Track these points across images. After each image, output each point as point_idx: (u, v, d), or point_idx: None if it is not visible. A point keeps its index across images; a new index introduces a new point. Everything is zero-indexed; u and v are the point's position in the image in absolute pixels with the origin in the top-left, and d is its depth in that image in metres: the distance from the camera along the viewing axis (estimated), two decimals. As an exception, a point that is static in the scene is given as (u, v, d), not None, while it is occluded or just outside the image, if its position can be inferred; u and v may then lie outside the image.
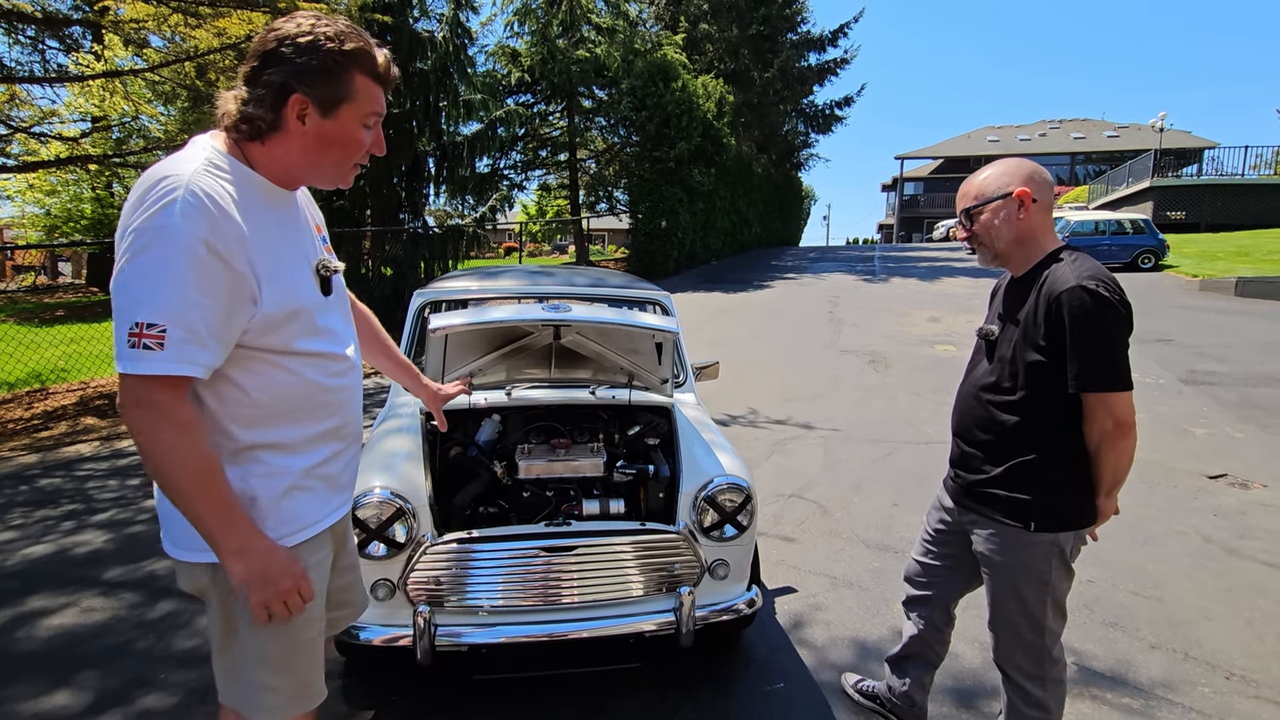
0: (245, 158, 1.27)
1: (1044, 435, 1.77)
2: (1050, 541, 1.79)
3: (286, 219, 1.34)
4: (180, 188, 1.13)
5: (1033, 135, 45.41)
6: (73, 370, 8.40)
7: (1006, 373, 1.81)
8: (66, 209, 17.22)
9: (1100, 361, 1.65)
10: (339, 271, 1.47)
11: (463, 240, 13.29)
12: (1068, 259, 1.76)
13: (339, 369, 1.41)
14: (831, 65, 26.76)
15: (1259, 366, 7.55)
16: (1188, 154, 26.48)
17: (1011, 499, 1.81)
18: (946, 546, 2.09)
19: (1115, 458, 1.73)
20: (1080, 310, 1.64)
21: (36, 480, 4.86)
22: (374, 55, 1.28)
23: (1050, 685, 1.89)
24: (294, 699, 1.40)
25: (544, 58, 19.03)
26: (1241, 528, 3.94)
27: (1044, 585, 1.82)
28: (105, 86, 7.85)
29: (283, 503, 1.34)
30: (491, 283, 3.50)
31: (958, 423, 1.99)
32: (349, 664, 2.60)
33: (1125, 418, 1.67)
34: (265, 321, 1.24)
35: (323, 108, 1.25)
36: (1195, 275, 14.09)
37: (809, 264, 21.17)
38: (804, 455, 5.20)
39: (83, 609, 3.09)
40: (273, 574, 1.25)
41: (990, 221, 1.82)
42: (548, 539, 2.25)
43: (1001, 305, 1.90)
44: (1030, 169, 1.81)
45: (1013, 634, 1.89)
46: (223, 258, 1.15)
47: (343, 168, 1.35)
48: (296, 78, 1.21)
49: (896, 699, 2.31)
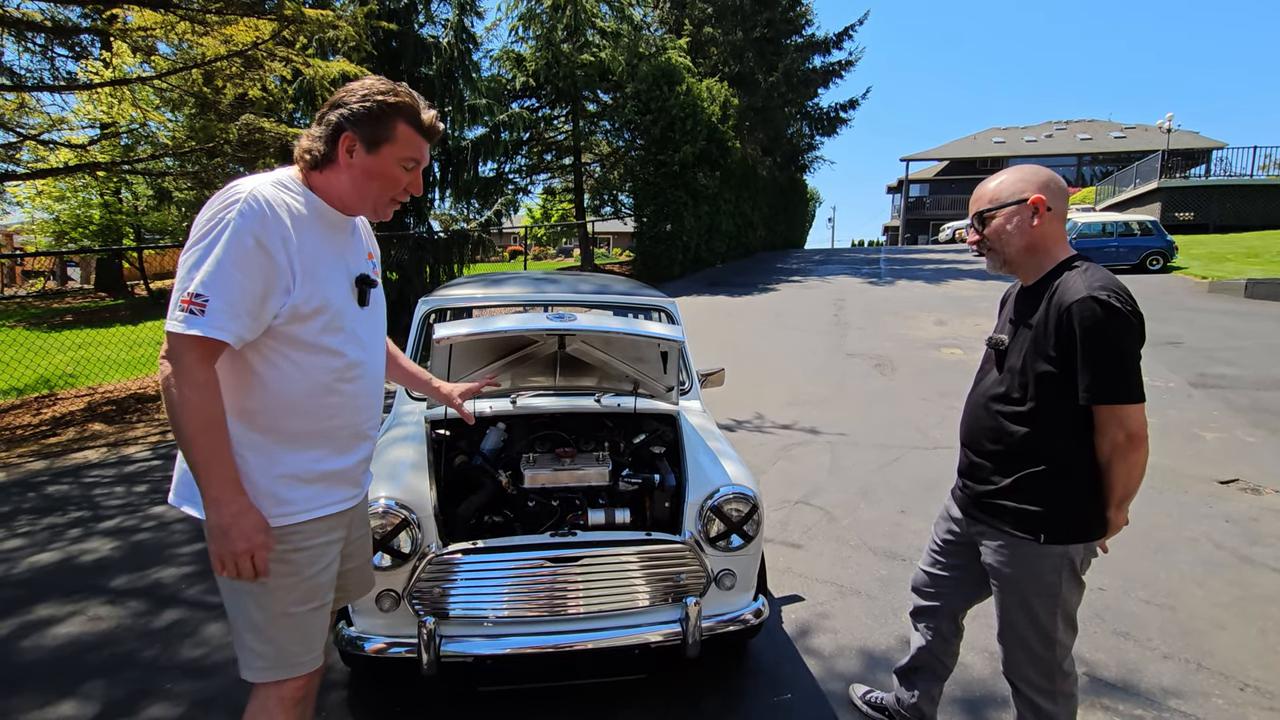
0: (310, 184, 1.53)
1: (1054, 447, 1.75)
2: (1060, 554, 1.77)
3: (337, 237, 1.57)
4: (244, 195, 1.39)
5: (1039, 136, 45.23)
6: (81, 376, 8.44)
7: (1016, 383, 1.79)
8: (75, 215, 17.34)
9: (1112, 373, 1.63)
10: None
11: (468, 244, 13.31)
12: (1079, 268, 1.74)
13: (353, 374, 1.56)
14: (836, 68, 26.70)
15: (1270, 369, 7.48)
16: (1196, 154, 26.33)
17: (1021, 510, 1.79)
18: (954, 557, 2.07)
19: (1127, 470, 1.70)
20: (1091, 321, 1.62)
21: (44, 487, 4.88)
22: (418, 109, 1.52)
23: (1061, 699, 1.87)
24: (275, 665, 1.52)
25: (548, 62, 19.05)
26: (1254, 534, 3.90)
27: (1054, 598, 1.79)
28: (114, 94, 7.91)
29: (277, 487, 1.48)
30: (496, 290, 3.50)
31: (966, 433, 1.97)
32: (354, 674, 2.60)
33: (1137, 430, 1.65)
34: (294, 311, 1.44)
35: (367, 145, 1.49)
36: (1204, 277, 13.99)
37: (814, 267, 21.13)
38: (810, 461, 5.17)
39: (89, 617, 3.09)
40: (234, 533, 1.39)
41: (1002, 227, 1.80)
42: (553, 549, 2.24)
43: (1012, 314, 1.88)
44: (1047, 176, 1.80)
45: (1022, 647, 1.87)
46: (267, 251, 1.38)
47: (381, 200, 1.57)
48: (349, 120, 1.48)
49: (905, 710, 2.28)
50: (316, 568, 1.55)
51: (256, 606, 1.50)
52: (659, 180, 17.85)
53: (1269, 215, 21.99)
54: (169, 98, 8.87)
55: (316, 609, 1.56)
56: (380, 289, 1.71)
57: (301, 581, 1.52)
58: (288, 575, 1.50)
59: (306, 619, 1.54)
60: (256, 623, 1.50)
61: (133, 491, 4.75)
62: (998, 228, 1.81)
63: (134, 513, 4.35)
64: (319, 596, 1.56)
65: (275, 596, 1.49)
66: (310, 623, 1.55)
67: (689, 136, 17.37)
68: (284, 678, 1.53)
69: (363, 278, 1.60)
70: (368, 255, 1.69)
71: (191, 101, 8.85)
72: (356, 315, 1.57)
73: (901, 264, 20.84)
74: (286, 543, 1.49)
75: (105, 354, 9.17)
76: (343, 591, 1.76)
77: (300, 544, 1.51)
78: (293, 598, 1.51)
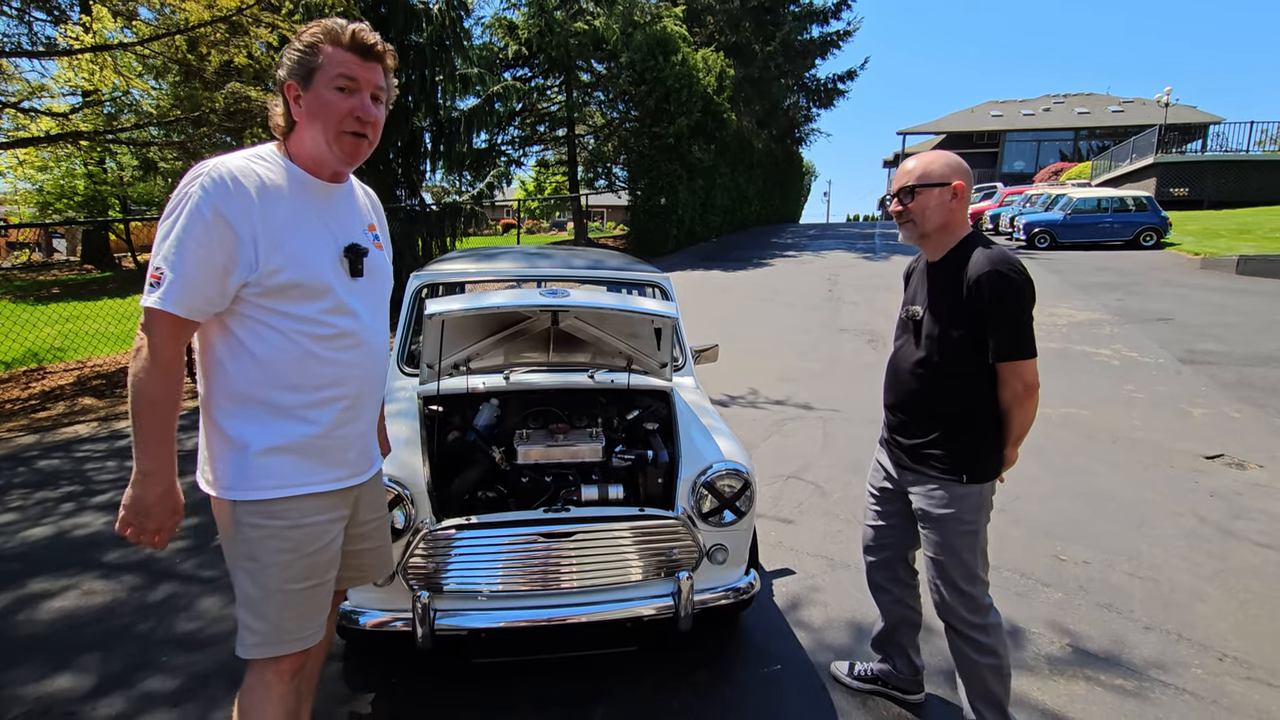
0: (290, 155, 1.52)
1: (969, 399, 2.01)
2: (978, 492, 2.02)
3: (321, 206, 1.53)
4: (207, 169, 1.39)
5: (1036, 110, 44.78)
6: (70, 349, 8.37)
7: (935, 348, 2.01)
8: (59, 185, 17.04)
9: (1014, 334, 1.89)
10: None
11: (460, 217, 13.20)
12: (980, 245, 1.98)
13: (344, 343, 1.53)
14: (834, 38, 26.30)
15: (1259, 346, 7.53)
16: (1193, 129, 26.22)
17: (945, 456, 2.03)
18: (890, 504, 2.27)
19: (1023, 415, 1.99)
20: (998, 290, 1.88)
21: (35, 461, 4.87)
22: (338, 28, 1.47)
23: (992, 630, 2.05)
24: (268, 642, 1.52)
25: (541, 30, 18.68)
26: (1237, 509, 3.96)
27: (974, 535, 2.03)
28: (95, 60, 7.69)
29: (266, 459, 1.47)
30: (489, 265, 3.46)
31: (893, 395, 2.18)
32: (349, 647, 2.62)
33: (1032, 380, 1.93)
34: (263, 282, 1.42)
35: (303, 83, 1.46)
36: (1196, 253, 14.00)
37: (809, 241, 21.05)
38: (803, 436, 5.21)
39: (84, 592, 3.10)
40: (156, 510, 1.43)
41: (926, 204, 2.00)
42: (546, 525, 2.25)
43: (923, 288, 2.10)
44: (964, 166, 2.04)
45: (951, 587, 2.06)
46: (227, 222, 1.37)
47: (340, 139, 1.49)
48: (287, 70, 1.48)
49: (897, 670, 2.39)
50: (315, 545, 1.53)
51: (251, 583, 1.50)
52: (653, 153, 17.64)
53: (1263, 191, 21.97)
54: (152, 65, 8.65)
55: (314, 587, 1.55)
56: (382, 258, 1.68)
57: (299, 559, 1.51)
58: (284, 552, 1.49)
59: (302, 596, 1.53)
60: (251, 599, 1.51)
61: (124, 466, 4.74)
62: (922, 204, 2.01)
63: (126, 487, 4.34)
64: (317, 575, 1.55)
65: (270, 573, 1.49)
66: (306, 600, 1.54)
67: (684, 108, 17.14)
68: (277, 654, 1.53)
69: (352, 247, 1.55)
70: (368, 226, 1.65)
71: (175, 69, 8.65)
72: (347, 285, 1.53)
73: (896, 239, 20.74)
74: (282, 518, 1.48)
75: (93, 327, 9.07)
76: (359, 572, 1.75)
77: (297, 520, 1.50)
78: (288, 575, 1.50)
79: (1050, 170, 32.02)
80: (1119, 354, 7.45)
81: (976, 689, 2.08)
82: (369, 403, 1.63)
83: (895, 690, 2.40)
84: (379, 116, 1.53)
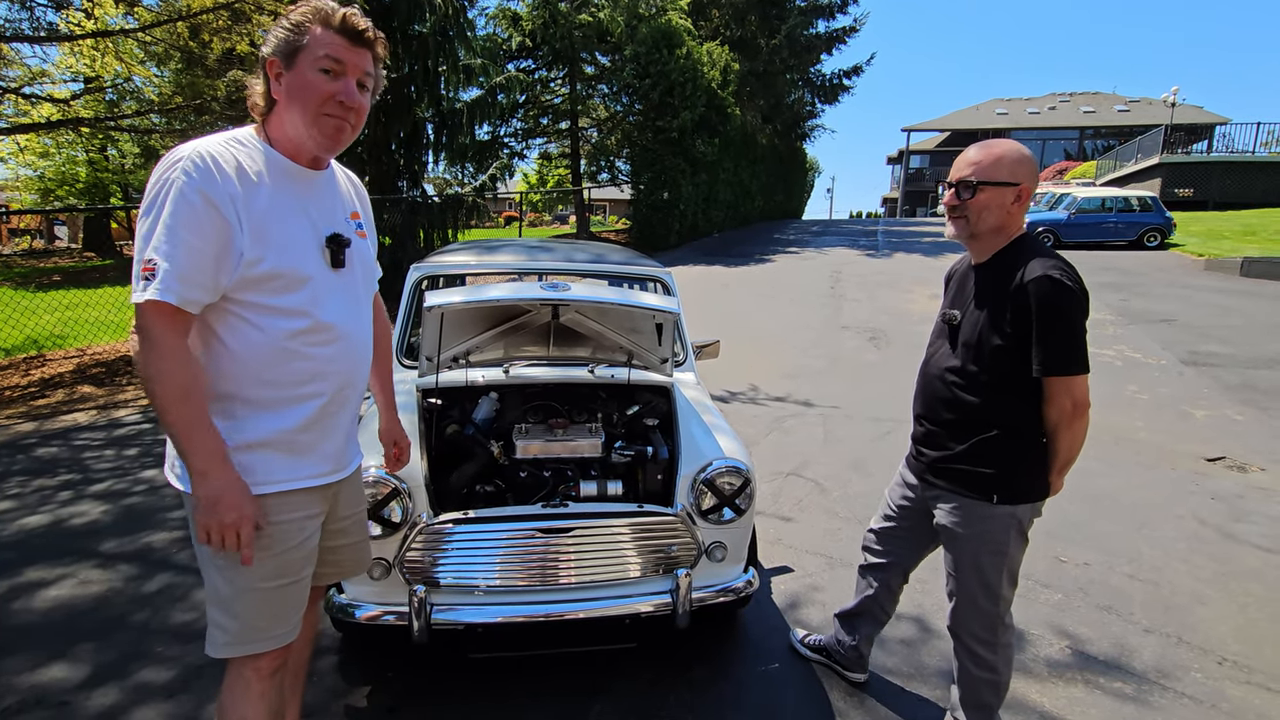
0: (269, 138, 1.46)
1: (1006, 415, 1.86)
2: (1009, 514, 1.89)
3: (301, 192, 1.47)
4: (187, 154, 1.33)
5: (1042, 108, 44.59)
6: (70, 337, 8.35)
7: (971, 356, 1.88)
8: (61, 172, 17.00)
9: (1064, 347, 1.74)
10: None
11: (462, 209, 13.12)
12: (1033, 247, 1.84)
13: (322, 338, 1.48)
14: (840, 33, 26.10)
15: (1262, 349, 7.50)
16: (1199, 130, 26.08)
17: (974, 474, 1.91)
18: (907, 519, 2.19)
19: (1071, 436, 1.83)
20: (1047, 298, 1.73)
21: (33, 449, 4.86)
22: (328, 9, 1.42)
23: (1000, 649, 2.01)
24: (238, 641, 1.49)
25: (545, 21, 18.57)
26: (1238, 511, 3.94)
27: (1002, 556, 1.92)
28: (96, 46, 7.65)
29: (241, 455, 1.42)
30: (490, 257, 3.44)
31: (922, 404, 2.08)
32: (346, 641, 2.61)
33: (1082, 398, 1.78)
34: (245, 272, 1.37)
35: (286, 62, 1.41)
36: (1201, 254, 13.95)
37: (811, 238, 20.98)
38: (803, 433, 5.19)
39: (80, 581, 3.09)
40: (224, 504, 1.35)
41: (986, 203, 1.84)
42: (545, 520, 2.24)
43: (965, 291, 1.96)
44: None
45: (970, 602, 1.99)
46: (215, 207, 1.32)
47: (319, 121, 1.43)
48: (271, 47, 1.43)
49: (844, 651, 2.45)
50: (290, 543, 1.49)
51: (224, 580, 1.46)
52: (657, 146, 17.56)
53: (1269, 193, 21.86)
54: (154, 52, 8.61)
55: (288, 585, 1.51)
56: (366, 248, 1.63)
57: (272, 556, 1.47)
58: (258, 549, 1.45)
59: (276, 594, 1.49)
60: (223, 596, 1.47)
61: (123, 455, 4.73)
62: (982, 202, 1.84)
63: (124, 476, 4.33)
64: (291, 573, 1.51)
65: (243, 571, 1.44)
66: (280, 598, 1.51)
67: (688, 102, 17.05)
68: (249, 653, 1.50)
69: (334, 237, 1.50)
70: (351, 214, 1.60)
71: (177, 56, 8.60)
72: (327, 276, 1.48)
73: (899, 236, 20.70)
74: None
75: (94, 315, 9.05)
76: (336, 568, 1.73)
77: (273, 517, 1.46)
78: (262, 572, 1.46)
79: (1055, 169, 31.90)
80: (1122, 355, 7.42)
81: (969, 696, 2.08)
82: (350, 398, 1.59)
83: (838, 665, 2.49)
84: (364, 104, 1.47)
